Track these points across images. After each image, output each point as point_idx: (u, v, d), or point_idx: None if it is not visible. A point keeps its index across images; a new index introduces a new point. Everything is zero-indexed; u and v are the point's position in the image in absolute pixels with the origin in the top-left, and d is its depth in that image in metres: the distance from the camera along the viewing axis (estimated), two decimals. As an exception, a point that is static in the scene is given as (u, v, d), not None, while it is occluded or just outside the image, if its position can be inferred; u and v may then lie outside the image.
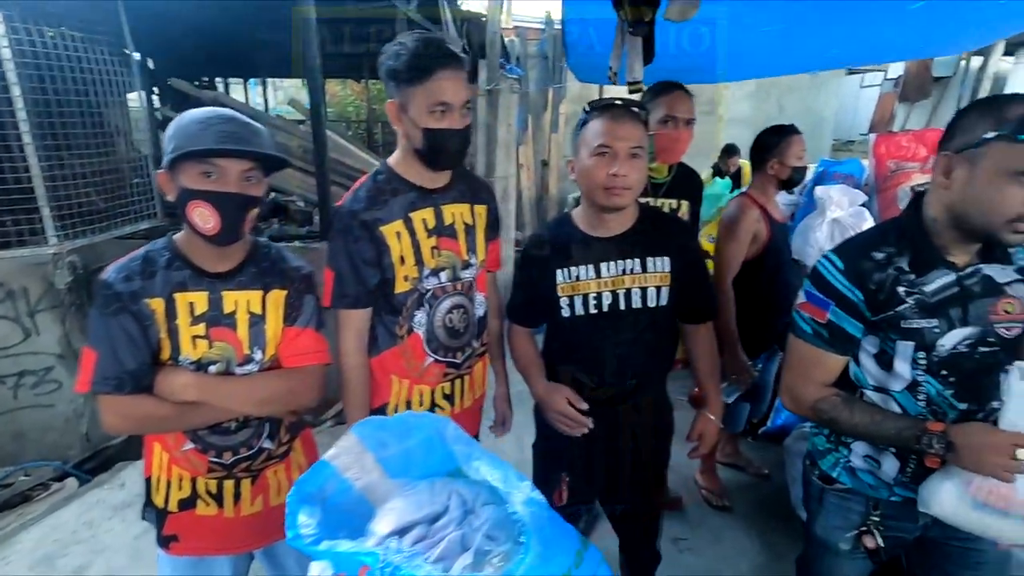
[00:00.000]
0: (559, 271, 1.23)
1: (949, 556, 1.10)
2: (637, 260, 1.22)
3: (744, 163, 5.19)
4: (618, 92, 1.49)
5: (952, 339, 0.99)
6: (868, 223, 2.52)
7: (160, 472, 1.12)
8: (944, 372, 1.00)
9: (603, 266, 1.21)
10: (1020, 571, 1.69)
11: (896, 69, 8.14)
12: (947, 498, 0.95)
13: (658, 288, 1.23)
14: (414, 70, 1.06)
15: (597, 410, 1.27)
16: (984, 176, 0.89)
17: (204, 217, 0.96)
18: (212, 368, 1.05)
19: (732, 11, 2.32)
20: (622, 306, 1.22)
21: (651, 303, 1.23)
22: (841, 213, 2.85)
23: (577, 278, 1.22)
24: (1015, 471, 0.88)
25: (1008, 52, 7.63)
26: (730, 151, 5.30)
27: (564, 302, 1.23)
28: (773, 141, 1.93)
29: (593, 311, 1.22)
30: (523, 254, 1.30)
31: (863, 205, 2.97)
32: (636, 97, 1.54)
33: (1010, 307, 0.98)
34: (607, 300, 1.22)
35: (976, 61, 5.35)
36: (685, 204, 1.84)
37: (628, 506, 1.40)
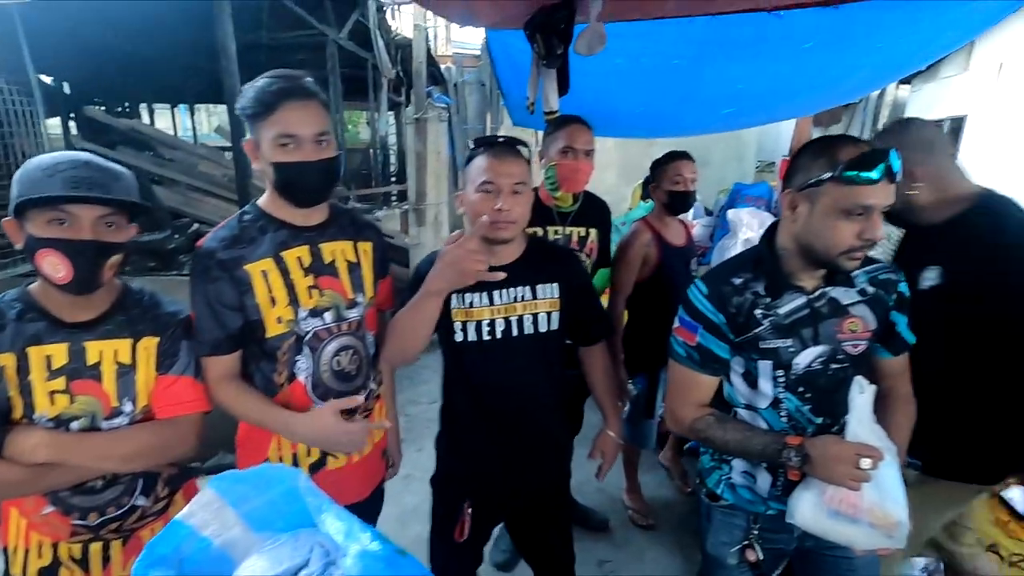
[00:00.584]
0: (453, 296, 1.23)
1: (824, 566, 1.16)
2: (527, 287, 1.25)
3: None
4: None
5: (806, 357, 1.06)
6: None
7: (18, 540, 1.04)
8: (801, 388, 1.07)
9: (495, 293, 1.23)
10: (912, 570, 1.80)
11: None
12: (806, 508, 1.01)
13: (548, 313, 1.26)
14: (259, 105, 1.04)
15: (494, 433, 1.28)
16: (820, 213, 0.98)
17: (54, 266, 0.91)
18: (75, 424, 0.99)
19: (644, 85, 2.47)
20: (515, 332, 1.24)
21: (542, 328, 1.26)
22: (752, 234, 3.03)
23: (471, 304, 1.24)
24: (860, 479, 0.95)
25: (905, 80, 8.40)
26: None
27: (458, 327, 1.24)
28: (656, 164, 2.04)
29: (487, 337, 1.24)
30: (415, 275, 1.27)
31: (771, 225, 3.17)
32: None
33: (854, 326, 1.07)
34: (500, 327, 1.24)
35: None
36: (593, 232, 1.90)
37: (535, 533, 1.40)
